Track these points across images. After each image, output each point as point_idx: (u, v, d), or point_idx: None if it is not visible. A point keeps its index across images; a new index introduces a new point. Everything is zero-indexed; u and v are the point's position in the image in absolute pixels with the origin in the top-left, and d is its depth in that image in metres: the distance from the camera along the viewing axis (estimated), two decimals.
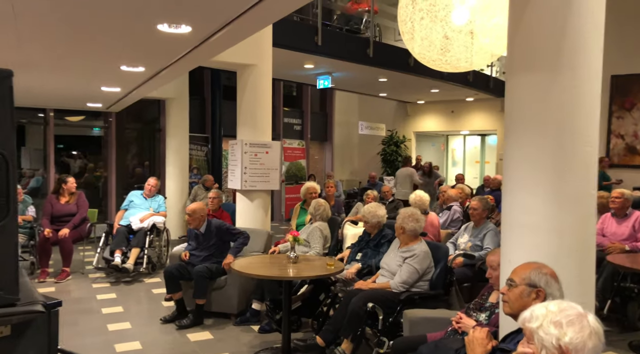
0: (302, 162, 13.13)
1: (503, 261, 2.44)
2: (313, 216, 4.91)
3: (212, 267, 4.71)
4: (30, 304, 1.20)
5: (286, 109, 12.99)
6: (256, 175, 5.73)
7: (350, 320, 3.50)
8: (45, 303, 1.25)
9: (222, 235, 4.79)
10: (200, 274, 4.60)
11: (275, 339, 4.32)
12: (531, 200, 2.28)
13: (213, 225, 4.81)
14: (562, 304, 1.50)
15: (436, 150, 16.35)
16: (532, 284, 1.97)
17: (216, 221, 4.89)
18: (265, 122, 5.89)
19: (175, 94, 9.16)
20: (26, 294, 1.26)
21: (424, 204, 5.63)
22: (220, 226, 4.80)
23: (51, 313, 1.27)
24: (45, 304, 1.25)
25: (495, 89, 12.38)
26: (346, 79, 10.05)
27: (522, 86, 2.34)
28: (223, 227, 4.80)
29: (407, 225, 3.70)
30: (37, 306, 1.20)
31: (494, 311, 2.84)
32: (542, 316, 1.49)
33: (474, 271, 4.64)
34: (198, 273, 4.61)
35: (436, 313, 3.28)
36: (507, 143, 2.45)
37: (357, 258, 4.41)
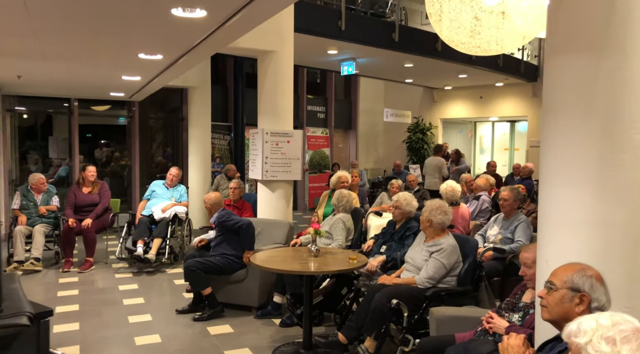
0: (326, 150, 12.96)
1: (539, 260, 2.24)
2: (336, 207, 4.75)
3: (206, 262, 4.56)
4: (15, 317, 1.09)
5: (310, 97, 12.80)
6: (277, 165, 5.60)
7: (373, 317, 3.34)
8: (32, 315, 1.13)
9: (224, 227, 4.67)
10: (188, 270, 4.51)
11: (296, 333, 4.21)
12: (573, 193, 2.07)
13: (218, 217, 4.68)
14: (615, 317, 1.31)
15: (463, 137, 15.93)
16: (575, 288, 1.78)
17: (221, 213, 4.70)
18: (287, 111, 5.73)
19: (197, 82, 9.09)
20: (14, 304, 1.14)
21: (455, 195, 5.42)
22: (220, 218, 4.66)
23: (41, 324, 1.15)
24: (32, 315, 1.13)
25: (527, 73, 11.92)
26: (371, 65, 9.80)
27: (563, 69, 2.11)
28: (221, 219, 4.64)
29: (435, 218, 3.51)
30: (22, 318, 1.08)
31: (528, 312, 2.64)
32: (591, 331, 1.31)
33: (504, 264, 4.43)
34: (186, 268, 4.52)
35: (465, 311, 3.10)
36: (544, 131, 2.23)
37: (381, 251, 4.25)
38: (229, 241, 4.66)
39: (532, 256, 2.67)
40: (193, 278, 4.53)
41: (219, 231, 4.71)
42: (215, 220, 4.70)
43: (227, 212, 4.75)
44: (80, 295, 5.23)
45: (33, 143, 10.21)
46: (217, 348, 3.95)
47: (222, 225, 4.66)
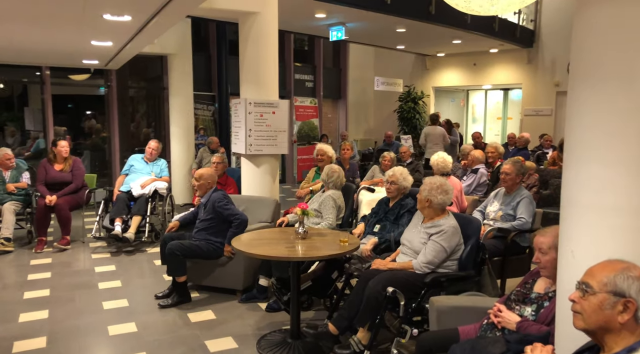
0: (315, 121, 12.53)
1: (563, 251, 1.91)
2: (325, 184, 4.40)
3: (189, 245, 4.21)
4: None
5: (297, 65, 12.27)
6: (262, 138, 5.19)
7: (367, 307, 3.04)
8: None
9: (217, 213, 4.25)
10: (170, 252, 4.14)
11: (283, 319, 3.92)
12: (607, 173, 1.73)
13: (212, 198, 4.28)
14: None
15: (455, 106, 15.54)
16: (619, 292, 1.45)
17: (216, 194, 4.31)
18: (271, 79, 5.29)
19: (177, 49, 8.54)
20: None
21: (447, 168, 5.09)
22: (215, 201, 4.23)
23: None
24: None
25: (522, 38, 11.47)
26: (361, 29, 9.28)
27: (600, 22, 1.74)
28: (217, 203, 4.22)
29: (436, 198, 3.18)
30: None
31: (543, 305, 2.34)
32: None
33: (505, 243, 4.14)
34: (169, 250, 4.15)
35: (468, 301, 2.80)
36: (572, 100, 1.87)
37: (374, 230, 3.93)
38: (217, 228, 4.27)
39: (549, 240, 2.37)
40: (173, 262, 4.19)
41: (209, 214, 4.29)
42: (207, 201, 4.30)
43: (224, 196, 4.30)
44: (53, 278, 4.89)
45: (10, 115, 9.65)
46: (197, 337, 3.65)
47: (215, 209, 4.24)
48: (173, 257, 4.16)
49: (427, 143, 9.37)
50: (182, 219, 4.60)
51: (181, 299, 4.24)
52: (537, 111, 12.26)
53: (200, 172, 4.36)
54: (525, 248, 4.27)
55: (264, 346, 3.46)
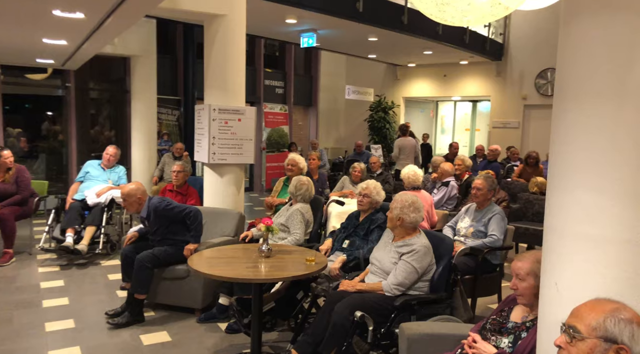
0: (285, 128, 12.30)
1: (546, 283, 1.75)
2: (293, 196, 4.17)
3: (160, 254, 3.98)
4: None
5: (268, 70, 12.03)
6: (227, 146, 4.93)
7: (333, 332, 2.83)
8: None
9: (165, 217, 4.00)
10: (141, 264, 3.89)
11: (245, 341, 3.66)
12: (595, 200, 1.57)
13: (150, 207, 3.98)
14: None
15: (425, 116, 15.60)
16: (610, 338, 1.29)
17: (154, 201, 4.01)
18: (238, 84, 5.05)
19: (141, 51, 8.18)
20: None
21: (417, 181, 4.96)
22: (156, 208, 3.97)
23: None
24: None
25: (492, 51, 11.59)
26: (333, 37, 9.14)
27: (587, 37, 1.59)
28: (159, 209, 3.96)
29: (408, 216, 3.00)
30: None
31: (520, 335, 2.18)
32: None
33: (476, 261, 4.01)
34: (139, 262, 3.89)
35: (440, 327, 2.62)
36: (558, 119, 1.71)
37: (343, 246, 3.72)
38: (172, 229, 4.03)
39: (527, 266, 2.21)
40: (141, 276, 3.90)
41: (155, 225, 4.02)
42: (147, 214, 4.00)
43: (161, 199, 4.04)
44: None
45: None
46: None
47: (159, 216, 3.97)
48: (142, 270, 3.89)
49: (400, 155, 9.26)
50: (140, 230, 4.30)
51: (135, 318, 3.93)
52: (504, 123, 12.38)
53: (125, 191, 3.99)
54: (497, 266, 4.15)
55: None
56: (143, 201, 4.00)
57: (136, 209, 4.01)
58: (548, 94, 11.43)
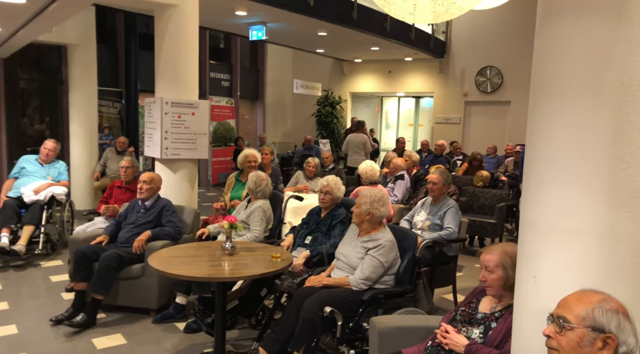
0: (231, 122, 12.08)
1: (523, 277, 1.82)
2: (253, 193, 4.09)
3: (125, 254, 3.85)
4: None
5: (213, 63, 11.75)
6: (180, 141, 4.76)
7: (302, 329, 2.81)
8: None
9: (162, 217, 4.13)
10: (106, 263, 3.72)
11: (205, 340, 3.57)
12: (571, 195, 1.65)
13: (161, 202, 4.20)
14: None
15: (371, 112, 15.85)
16: (598, 327, 1.36)
17: (164, 200, 4.24)
18: (191, 78, 4.88)
19: (79, 39, 7.70)
20: None
21: (375, 176, 5.03)
22: (164, 207, 4.16)
23: None
24: None
25: (435, 48, 11.93)
26: (282, 31, 9.06)
27: (565, 36, 1.66)
28: (166, 209, 4.16)
29: (378, 211, 3.03)
30: None
31: (490, 326, 2.26)
32: None
33: (433, 253, 4.12)
34: (104, 261, 3.72)
35: (410, 320, 2.67)
36: (533, 117, 1.78)
37: (306, 242, 3.71)
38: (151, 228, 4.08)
39: (496, 258, 2.29)
40: (105, 277, 3.75)
41: (150, 217, 4.09)
42: (152, 205, 4.15)
43: (171, 203, 4.26)
44: None
45: None
46: None
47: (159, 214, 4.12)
48: (107, 270, 3.73)
49: (348, 151, 9.32)
50: (109, 232, 4.10)
51: (88, 321, 3.72)
52: (447, 119, 12.83)
53: (151, 176, 4.21)
54: (452, 258, 4.29)
55: None
56: (156, 192, 4.21)
57: (148, 196, 4.14)
58: (487, 91, 11.95)
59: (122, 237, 4.04)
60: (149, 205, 4.16)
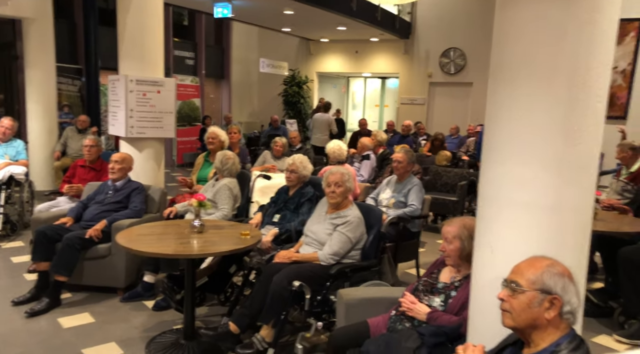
0: (196, 101, 11.89)
1: (481, 247, 1.95)
2: (220, 172, 4.10)
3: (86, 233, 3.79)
4: None
5: (176, 40, 11.48)
6: (146, 120, 4.69)
7: (272, 303, 2.89)
8: None
9: (129, 199, 4.12)
10: (69, 243, 3.68)
11: (174, 317, 3.61)
12: (525, 171, 1.77)
13: (133, 184, 4.18)
14: None
15: (337, 92, 15.90)
16: (546, 289, 1.48)
17: (136, 182, 4.22)
18: (156, 55, 4.79)
19: (34, 13, 7.37)
20: None
21: (342, 156, 5.11)
22: (135, 188, 4.15)
23: None
24: None
25: (401, 30, 12.03)
26: (248, 8, 8.94)
27: (521, 20, 1.75)
28: (136, 190, 4.14)
29: (351, 185, 3.14)
30: None
31: (450, 294, 2.40)
32: None
33: (397, 229, 4.26)
34: (67, 241, 3.68)
35: (376, 292, 2.79)
36: (492, 97, 1.88)
37: (274, 220, 3.77)
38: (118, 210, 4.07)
39: (455, 230, 2.42)
40: (67, 257, 3.69)
41: (119, 197, 4.07)
42: (122, 186, 4.14)
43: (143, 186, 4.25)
44: None
45: None
46: (73, 346, 3.19)
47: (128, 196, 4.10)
48: (70, 251, 3.68)
49: (313, 129, 9.41)
50: (74, 214, 4.03)
51: (54, 303, 3.69)
52: (412, 99, 13.02)
53: (122, 156, 4.19)
54: (415, 234, 4.44)
55: (154, 349, 3.14)
56: (127, 173, 4.18)
57: (119, 176, 4.12)
58: (451, 72, 12.18)
59: (87, 216, 3.99)
60: (120, 186, 4.13)
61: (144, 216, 4.11)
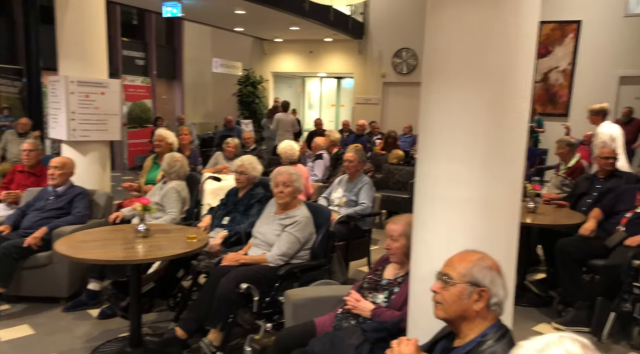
0: (148, 102, 11.59)
1: (417, 241, 2.00)
2: (167, 174, 4.02)
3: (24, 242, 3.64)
4: None
5: (125, 40, 11.15)
6: (89, 122, 4.53)
7: (219, 306, 2.86)
8: None
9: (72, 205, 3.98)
10: (5, 252, 3.53)
11: (120, 325, 3.50)
12: (456, 167, 1.83)
13: (76, 189, 4.03)
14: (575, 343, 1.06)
15: (293, 92, 15.89)
16: (475, 282, 1.54)
17: (79, 187, 4.07)
18: (99, 54, 4.63)
19: None
20: None
21: (294, 156, 5.11)
22: (77, 194, 4.00)
23: None
24: None
25: (354, 30, 12.14)
26: (198, 8, 8.79)
27: (449, 22, 1.81)
28: (79, 196, 4.00)
29: (300, 185, 3.14)
30: None
31: (393, 290, 2.44)
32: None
33: (348, 228, 4.30)
34: (3, 250, 3.54)
35: (323, 291, 2.81)
36: (426, 97, 1.93)
37: (223, 223, 3.72)
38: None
39: (400, 228, 2.46)
40: (7, 267, 3.57)
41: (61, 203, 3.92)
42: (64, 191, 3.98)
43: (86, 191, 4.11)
44: None
45: None
46: None
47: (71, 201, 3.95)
48: (6, 260, 3.54)
49: (278, 130, 9.44)
50: (12, 221, 3.84)
51: None
52: (366, 99, 13.18)
53: (62, 161, 4.03)
54: (366, 232, 4.50)
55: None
56: (68, 178, 4.03)
57: (60, 181, 3.97)
58: (403, 72, 12.40)
59: (26, 224, 3.82)
60: (62, 191, 3.97)
61: (88, 222, 3.97)
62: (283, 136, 9.23)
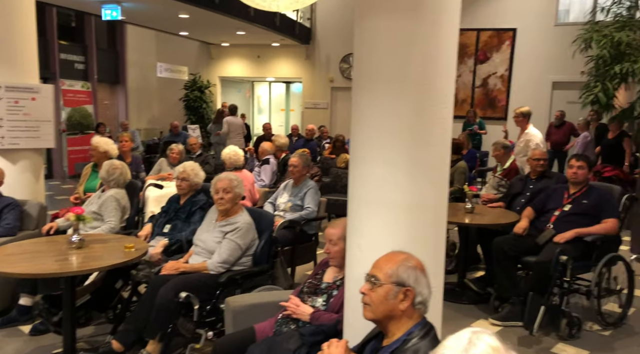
0: (89, 107, 11.17)
1: (351, 245, 2.04)
2: (106, 182, 3.89)
3: None
4: None
5: (63, 43, 10.71)
6: (19, 129, 4.32)
7: (158, 316, 2.79)
8: None
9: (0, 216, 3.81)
10: None
11: (55, 341, 3.35)
12: (385, 172, 1.88)
13: (5, 200, 3.88)
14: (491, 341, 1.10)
15: (242, 96, 15.76)
16: (401, 282, 1.59)
17: (9, 198, 3.93)
18: (29, 58, 4.42)
19: None
20: None
21: (239, 161, 5.07)
22: (9, 204, 3.87)
23: None
24: None
25: (301, 35, 12.21)
26: (140, 11, 8.57)
27: (374, 32, 1.86)
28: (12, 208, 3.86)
29: (241, 191, 3.12)
30: None
31: (332, 293, 2.48)
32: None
33: (294, 233, 4.32)
34: None
35: (263, 297, 2.80)
36: (356, 103, 1.98)
37: (164, 231, 3.64)
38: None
39: (338, 232, 2.50)
40: None
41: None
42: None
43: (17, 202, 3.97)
44: None
45: None
46: None
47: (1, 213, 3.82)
48: None
49: (229, 133, 9.39)
50: None
51: None
52: (315, 104, 13.27)
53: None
54: (312, 236, 4.53)
55: None
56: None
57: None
58: (350, 77, 12.57)
59: None
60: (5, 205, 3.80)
61: (18, 233, 3.79)
62: (235, 139, 9.22)
